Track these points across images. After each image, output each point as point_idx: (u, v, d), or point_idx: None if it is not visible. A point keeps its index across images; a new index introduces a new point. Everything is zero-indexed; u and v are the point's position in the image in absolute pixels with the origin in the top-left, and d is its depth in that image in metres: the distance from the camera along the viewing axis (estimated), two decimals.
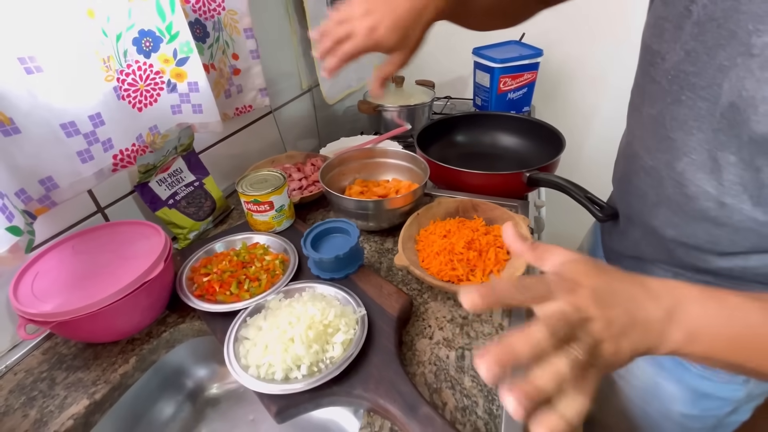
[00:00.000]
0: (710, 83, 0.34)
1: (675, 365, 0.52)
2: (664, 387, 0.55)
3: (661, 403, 0.57)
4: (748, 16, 0.30)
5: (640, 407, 0.60)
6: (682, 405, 0.55)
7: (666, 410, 0.57)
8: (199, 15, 0.64)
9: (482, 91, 1.19)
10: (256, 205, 0.58)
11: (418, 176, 0.68)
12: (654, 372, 0.55)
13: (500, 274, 0.52)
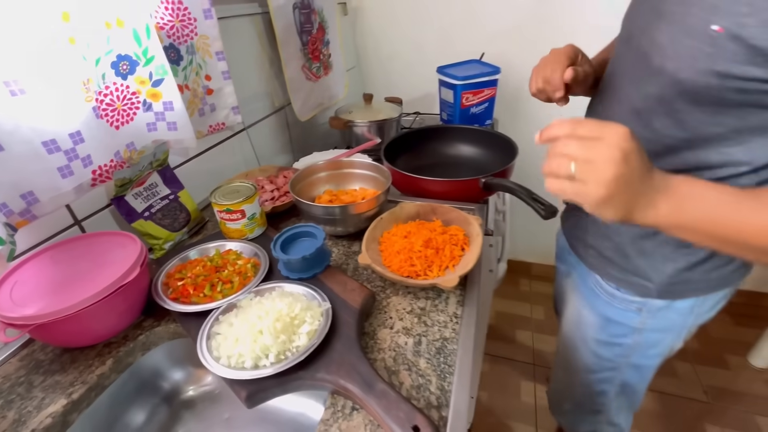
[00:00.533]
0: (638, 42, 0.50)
1: (590, 294, 0.67)
2: (584, 315, 0.69)
3: (582, 330, 0.71)
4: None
5: (569, 337, 0.76)
6: (594, 331, 0.68)
7: (584, 336, 0.71)
8: (174, 40, 0.69)
9: (447, 107, 1.27)
10: (228, 213, 0.62)
11: (382, 184, 0.74)
12: (579, 304, 0.70)
13: (454, 268, 0.57)
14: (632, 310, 0.62)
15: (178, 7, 0.68)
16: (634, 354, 0.67)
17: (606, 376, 0.72)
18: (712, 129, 0.45)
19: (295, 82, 1.03)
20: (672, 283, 0.57)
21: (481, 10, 1.33)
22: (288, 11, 0.96)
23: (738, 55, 0.38)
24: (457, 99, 1.20)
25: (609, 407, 0.77)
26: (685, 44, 0.42)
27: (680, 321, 0.61)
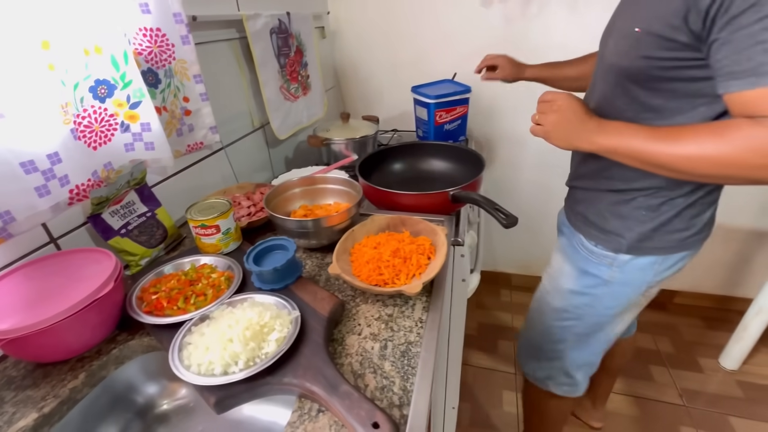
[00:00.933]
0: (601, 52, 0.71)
1: (573, 251, 0.81)
2: (565, 269, 0.83)
3: (560, 282, 0.84)
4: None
5: (547, 289, 0.89)
6: (570, 282, 0.82)
7: (560, 287, 0.84)
8: (152, 65, 0.72)
9: (422, 124, 1.33)
10: (203, 229, 0.64)
11: (355, 198, 0.77)
12: (562, 260, 0.84)
13: (420, 276, 0.60)
14: (605, 264, 0.76)
15: (156, 34, 0.71)
16: (598, 304, 0.80)
17: (568, 324, 0.85)
18: (654, 101, 0.61)
19: (274, 102, 1.07)
20: (639, 240, 0.71)
21: (453, 32, 1.41)
22: (265, 36, 1.01)
23: (651, 44, 0.57)
24: (431, 117, 1.25)
25: (565, 356, 0.89)
26: (622, 43, 0.63)
27: (641, 276, 0.74)
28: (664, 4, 0.54)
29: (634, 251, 0.72)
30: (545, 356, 0.92)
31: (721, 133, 0.50)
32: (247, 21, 0.93)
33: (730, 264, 1.65)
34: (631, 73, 0.62)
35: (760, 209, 1.49)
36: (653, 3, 0.57)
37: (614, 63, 0.64)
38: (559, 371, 0.92)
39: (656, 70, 0.58)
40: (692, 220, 0.69)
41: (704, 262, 1.67)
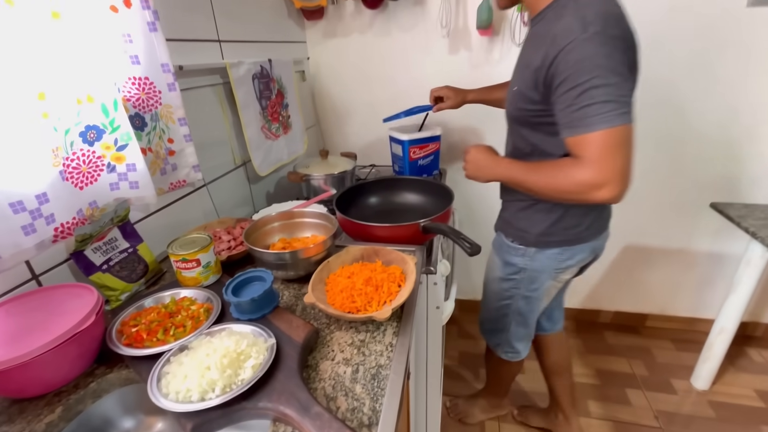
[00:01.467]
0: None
1: (498, 248, 1.04)
2: (494, 261, 1.06)
3: (492, 272, 1.07)
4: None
5: (487, 278, 1.11)
6: (498, 271, 1.04)
7: (493, 275, 1.07)
8: (139, 110, 0.77)
9: (398, 159, 1.41)
10: (184, 263, 0.67)
11: (331, 231, 0.82)
12: (492, 255, 1.07)
13: (391, 302, 0.64)
14: (519, 255, 0.97)
15: (145, 83, 0.77)
16: (522, 286, 1.01)
17: (506, 303, 1.06)
18: (534, 138, 0.84)
19: (255, 141, 1.13)
20: (542, 235, 0.92)
21: (425, 75, 1.52)
22: (248, 81, 1.08)
23: (523, 100, 0.79)
24: (405, 153, 1.33)
25: (509, 328, 1.10)
26: (509, 98, 0.86)
27: (549, 263, 0.95)
28: (527, 73, 0.77)
29: (539, 245, 0.93)
30: (496, 328, 1.13)
31: (558, 167, 0.74)
32: (231, 68, 1.01)
33: (693, 286, 1.74)
34: (516, 119, 0.86)
35: (715, 233, 1.60)
36: (522, 70, 0.80)
37: (508, 112, 0.89)
38: (506, 342, 1.14)
39: (530, 118, 0.81)
40: (581, 218, 0.89)
41: (670, 286, 1.76)
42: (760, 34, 1.29)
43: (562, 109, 0.70)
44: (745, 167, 1.48)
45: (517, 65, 0.86)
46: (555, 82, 0.69)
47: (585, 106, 0.66)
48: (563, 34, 0.68)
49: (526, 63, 0.78)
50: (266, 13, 1.27)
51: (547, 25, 0.74)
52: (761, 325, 1.77)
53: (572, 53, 0.66)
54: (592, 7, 0.67)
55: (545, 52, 0.70)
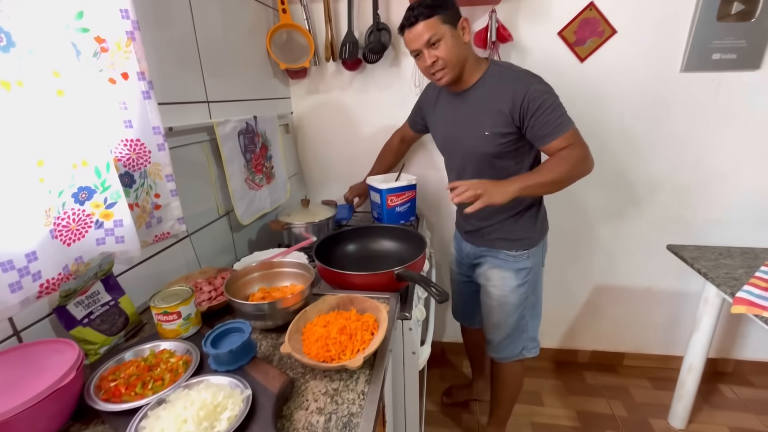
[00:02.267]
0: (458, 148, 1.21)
1: (504, 263, 1.20)
2: (505, 276, 1.20)
3: (508, 284, 1.21)
4: None
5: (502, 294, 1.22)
6: (514, 280, 1.20)
7: (509, 288, 1.21)
8: (129, 168, 0.82)
9: (376, 207, 1.48)
10: (165, 315, 0.70)
11: (309, 280, 0.86)
12: (501, 272, 1.21)
13: (364, 351, 0.68)
14: (525, 258, 1.19)
15: (136, 144, 0.83)
16: (532, 281, 1.22)
17: (525, 305, 1.22)
18: (506, 164, 1.11)
19: (239, 192, 1.19)
20: (536, 234, 1.19)
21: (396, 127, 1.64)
22: (233, 137, 1.16)
23: (496, 139, 1.06)
24: (383, 201, 1.41)
25: (528, 325, 1.26)
26: (479, 140, 1.09)
27: (541, 252, 1.24)
28: (498, 117, 1.04)
29: (535, 243, 1.19)
30: (517, 334, 1.26)
31: (564, 158, 1.00)
32: (218, 127, 1.08)
33: (662, 324, 1.81)
34: (490, 154, 1.10)
35: (677, 272, 1.70)
36: (490, 116, 1.05)
37: (481, 152, 1.11)
38: (528, 339, 1.28)
39: (506, 148, 1.08)
40: (544, 210, 1.23)
41: (641, 324, 1.83)
42: (695, 94, 1.46)
43: (544, 124, 1.00)
44: (695, 212, 1.61)
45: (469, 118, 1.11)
46: (531, 110, 1.00)
47: (559, 116, 1.00)
48: (522, 83, 1.01)
49: (491, 112, 1.05)
50: (253, 74, 1.38)
51: (493, 86, 1.06)
52: (730, 361, 1.83)
53: (536, 89, 1.00)
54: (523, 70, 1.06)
55: (512, 98, 1.01)
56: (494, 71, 1.07)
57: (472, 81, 1.08)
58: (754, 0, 1.34)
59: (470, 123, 1.10)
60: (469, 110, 1.10)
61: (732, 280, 1.17)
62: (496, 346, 1.31)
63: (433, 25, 0.99)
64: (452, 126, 1.16)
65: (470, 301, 1.44)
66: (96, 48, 0.74)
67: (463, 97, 1.11)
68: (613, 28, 1.42)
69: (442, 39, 1.00)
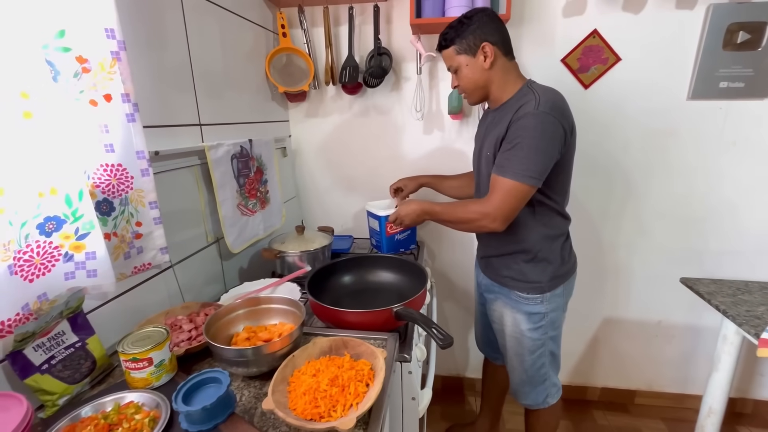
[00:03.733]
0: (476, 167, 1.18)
1: (516, 304, 1.11)
2: (517, 318, 1.12)
3: (520, 328, 1.12)
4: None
5: (516, 338, 1.14)
6: (525, 324, 1.11)
7: (522, 331, 1.12)
8: (108, 195, 0.76)
9: (375, 234, 1.41)
10: (134, 362, 0.62)
11: (299, 319, 0.78)
12: (513, 315, 1.12)
13: (357, 406, 0.60)
14: (538, 302, 1.08)
15: (117, 169, 0.77)
16: (548, 329, 1.11)
17: (541, 352, 1.13)
18: None
19: (230, 218, 1.13)
20: (551, 279, 1.08)
21: (401, 153, 1.60)
22: (226, 161, 1.11)
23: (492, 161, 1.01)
24: (382, 228, 1.35)
25: (549, 373, 1.17)
26: (484, 160, 1.07)
27: (561, 300, 1.11)
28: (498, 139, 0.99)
29: (550, 288, 1.08)
30: (538, 382, 1.18)
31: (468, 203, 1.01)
32: (209, 150, 1.03)
33: (676, 361, 1.72)
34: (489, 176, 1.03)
35: (690, 307, 1.62)
36: (492, 140, 1.01)
37: (486, 173, 1.05)
38: (550, 386, 1.20)
39: None
40: (568, 255, 1.12)
41: (653, 360, 1.73)
42: (703, 123, 1.42)
43: (501, 155, 0.96)
44: (707, 243, 1.54)
45: (485, 137, 1.09)
46: (508, 135, 0.95)
47: (519, 158, 0.92)
48: (526, 107, 0.93)
49: (494, 134, 1.01)
50: (250, 97, 1.34)
51: (508, 107, 1.00)
52: (749, 401, 1.72)
53: (526, 122, 0.92)
54: (546, 95, 0.95)
55: (508, 122, 0.96)
56: (524, 94, 0.99)
57: (503, 100, 1.04)
58: (760, 29, 1.32)
59: (484, 141, 1.09)
60: (487, 129, 1.10)
61: (754, 318, 1.09)
62: (516, 390, 1.24)
63: (449, 56, 1.03)
64: (476, 142, 1.18)
65: (492, 333, 1.32)
66: (77, 68, 0.70)
67: (489, 115, 1.12)
68: (617, 56, 1.40)
69: (459, 69, 1.03)
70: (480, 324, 1.40)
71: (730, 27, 1.31)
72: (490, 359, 1.46)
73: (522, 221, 1.03)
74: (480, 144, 1.13)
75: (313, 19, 1.48)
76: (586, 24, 1.38)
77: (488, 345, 1.41)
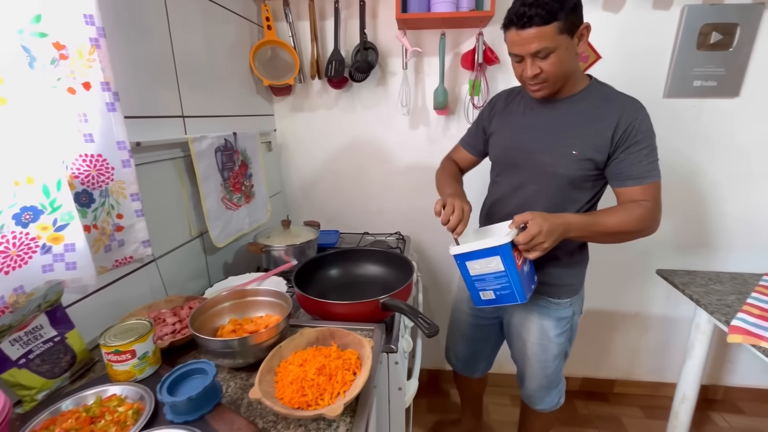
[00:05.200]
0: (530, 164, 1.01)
1: (544, 310, 1.06)
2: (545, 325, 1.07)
3: (547, 334, 1.08)
4: None
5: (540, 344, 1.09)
6: (553, 329, 1.07)
7: (549, 338, 1.08)
8: (87, 186, 0.74)
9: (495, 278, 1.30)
10: (117, 355, 0.61)
11: (286, 310, 0.78)
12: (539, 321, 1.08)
13: (344, 394, 0.60)
14: (567, 306, 1.06)
15: (97, 160, 0.75)
16: (570, 332, 1.11)
17: (562, 356, 1.12)
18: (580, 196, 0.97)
19: (214, 212, 1.11)
20: (581, 282, 1.09)
21: (388, 148, 1.61)
22: (210, 154, 1.09)
23: (583, 163, 0.91)
24: (509, 262, 1.27)
25: (561, 375, 1.17)
26: (562, 159, 0.93)
27: (581, 301, 1.12)
28: (595, 138, 0.90)
29: (577, 290, 1.08)
30: (554, 385, 1.17)
31: (627, 210, 0.90)
32: (193, 143, 1.02)
33: (652, 350, 1.78)
34: (571, 178, 0.94)
35: (666, 297, 1.68)
36: (586, 136, 0.91)
37: (557, 173, 0.94)
38: (563, 387, 1.20)
39: (587, 177, 0.94)
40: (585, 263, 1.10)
41: (631, 350, 1.79)
42: (679, 120, 1.47)
43: (635, 163, 0.88)
44: (683, 236, 1.60)
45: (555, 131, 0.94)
46: (630, 142, 0.88)
47: (652, 161, 0.89)
48: (633, 110, 0.89)
49: (588, 130, 0.90)
50: (234, 89, 1.33)
51: (596, 103, 0.92)
52: (720, 387, 1.80)
53: (644, 123, 0.88)
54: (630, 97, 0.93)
55: (617, 121, 0.88)
56: (599, 87, 0.94)
57: (571, 92, 0.94)
58: (731, 30, 1.37)
59: (555, 137, 0.94)
60: (558, 122, 0.94)
61: (725, 306, 1.14)
62: (531, 396, 1.20)
63: (548, 35, 0.81)
64: (525, 134, 0.98)
65: (480, 348, 1.28)
66: (54, 55, 0.68)
67: (553, 107, 0.95)
68: (597, 54, 1.43)
69: (555, 52, 0.83)
70: (466, 340, 1.28)
71: (703, 28, 1.36)
72: (467, 375, 1.36)
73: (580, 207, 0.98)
74: (540, 138, 0.96)
75: (298, 13, 1.47)
76: None
77: (469, 361, 1.31)
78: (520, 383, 1.22)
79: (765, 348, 0.95)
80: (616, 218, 0.89)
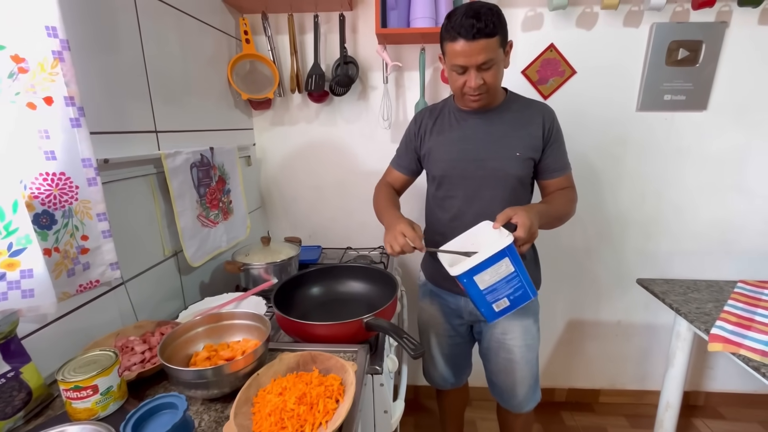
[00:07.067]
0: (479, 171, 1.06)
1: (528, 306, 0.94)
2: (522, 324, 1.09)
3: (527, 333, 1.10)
4: None
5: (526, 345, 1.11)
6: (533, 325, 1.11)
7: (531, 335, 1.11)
8: (48, 207, 0.69)
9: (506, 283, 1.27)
10: (76, 391, 0.56)
11: (264, 334, 0.74)
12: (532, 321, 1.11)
13: (327, 425, 0.57)
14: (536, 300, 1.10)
15: (59, 178, 0.71)
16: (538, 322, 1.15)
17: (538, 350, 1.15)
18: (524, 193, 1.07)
19: (189, 230, 1.07)
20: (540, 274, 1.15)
21: (369, 160, 1.59)
22: (185, 170, 1.05)
23: (526, 161, 1.01)
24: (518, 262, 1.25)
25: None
26: (510, 161, 1.01)
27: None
28: (531, 140, 1.01)
29: (540, 283, 1.14)
30: (536, 381, 1.17)
31: (565, 196, 1.05)
32: (166, 159, 0.97)
33: (635, 358, 1.80)
34: (519, 177, 1.02)
35: (646, 305, 1.70)
36: (522, 139, 1.01)
37: (508, 174, 1.01)
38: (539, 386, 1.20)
39: (529, 173, 1.04)
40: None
41: (614, 358, 1.80)
42: (651, 133, 1.52)
43: (559, 157, 1.04)
44: (659, 245, 1.64)
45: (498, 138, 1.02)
46: (553, 140, 1.02)
47: (565, 153, 1.06)
48: (548, 112, 1.04)
49: (524, 133, 1.01)
50: (211, 104, 1.29)
51: (520, 109, 1.04)
52: (701, 393, 1.83)
53: (557, 122, 1.04)
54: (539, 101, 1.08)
55: (542, 122, 1.01)
56: (515, 97, 1.07)
57: (497, 103, 1.03)
58: (696, 47, 1.43)
59: (498, 143, 1.01)
60: (495, 130, 1.02)
61: (704, 315, 1.16)
62: (520, 403, 1.17)
63: (492, 47, 0.87)
64: (467, 145, 1.03)
65: (461, 362, 1.28)
66: (12, 68, 0.64)
67: (484, 117, 1.03)
68: (572, 69, 1.47)
69: (496, 63, 0.90)
70: (448, 357, 1.25)
71: (671, 45, 1.42)
72: (457, 386, 1.33)
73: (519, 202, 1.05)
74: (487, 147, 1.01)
75: (277, 27, 1.45)
76: (544, 38, 1.44)
77: (457, 372, 1.29)
78: (507, 396, 1.18)
79: (743, 355, 0.97)
80: (560, 202, 1.02)
